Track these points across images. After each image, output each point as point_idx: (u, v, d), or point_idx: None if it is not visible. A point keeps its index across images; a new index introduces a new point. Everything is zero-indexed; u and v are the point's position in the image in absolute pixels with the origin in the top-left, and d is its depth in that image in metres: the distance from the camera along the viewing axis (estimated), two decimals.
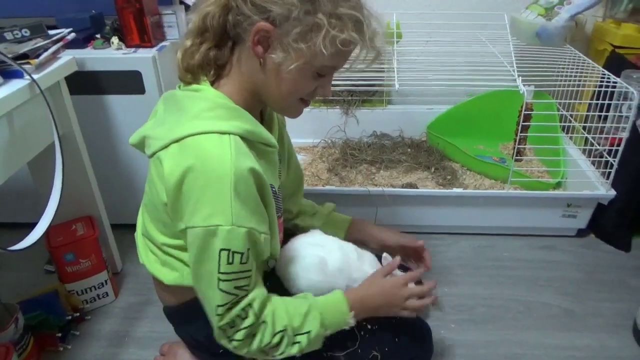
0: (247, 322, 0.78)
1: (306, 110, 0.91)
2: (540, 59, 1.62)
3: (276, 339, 0.80)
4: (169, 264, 0.90)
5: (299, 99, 0.84)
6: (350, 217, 1.22)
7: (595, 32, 1.88)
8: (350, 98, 1.98)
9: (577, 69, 1.69)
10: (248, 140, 0.78)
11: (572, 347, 1.22)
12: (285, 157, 1.08)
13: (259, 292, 0.80)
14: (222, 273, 0.74)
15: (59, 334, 1.23)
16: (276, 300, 0.85)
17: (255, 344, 0.80)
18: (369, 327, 0.97)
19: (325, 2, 0.72)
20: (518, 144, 1.53)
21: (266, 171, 0.82)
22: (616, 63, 1.63)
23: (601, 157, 1.52)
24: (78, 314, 1.29)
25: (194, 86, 0.80)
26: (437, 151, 1.88)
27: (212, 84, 0.81)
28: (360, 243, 1.13)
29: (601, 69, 1.56)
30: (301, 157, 1.94)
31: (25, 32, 1.12)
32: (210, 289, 0.76)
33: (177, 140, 0.74)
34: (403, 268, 1.17)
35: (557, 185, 1.63)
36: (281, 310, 0.82)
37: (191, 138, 0.73)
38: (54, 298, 1.26)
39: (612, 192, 1.48)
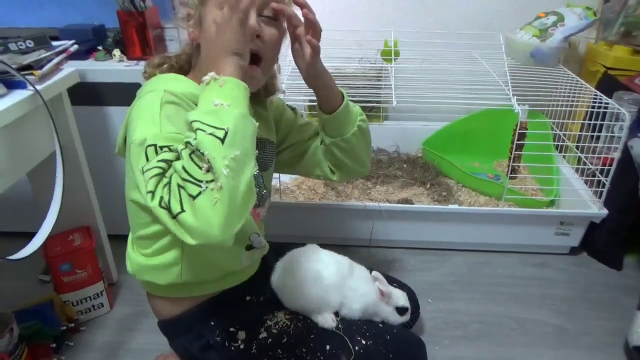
0: (156, 170, 0.69)
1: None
2: (534, 79, 1.66)
3: (194, 144, 0.65)
4: None
5: (233, 54, 0.76)
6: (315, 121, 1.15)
7: (588, 54, 1.92)
8: None
9: (570, 89, 1.72)
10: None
11: None
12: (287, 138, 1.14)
13: None
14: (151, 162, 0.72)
15: (54, 345, 1.22)
16: None
17: (177, 178, 0.66)
18: (364, 342, 0.98)
19: None
20: (512, 162, 1.55)
21: None
22: (608, 84, 1.66)
23: (594, 176, 1.55)
24: (73, 325, 1.29)
25: None
26: (432, 167, 1.90)
27: None
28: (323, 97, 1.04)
29: (593, 89, 1.60)
30: None
31: (30, 43, 1.14)
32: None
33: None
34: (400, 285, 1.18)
35: (551, 204, 1.65)
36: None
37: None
38: (49, 308, 1.26)
39: (605, 211, 1.50)
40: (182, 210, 0.64)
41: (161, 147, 0.72)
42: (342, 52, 1.85)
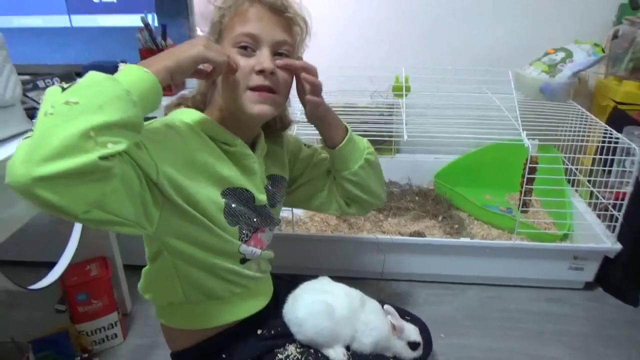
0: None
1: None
2: (544, 114, 1.68)
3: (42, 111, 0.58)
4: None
5: (246, 88, 0.84)
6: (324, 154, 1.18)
7: (598, 89, 1.94)
8: None
9: (580, 123, 1.74)
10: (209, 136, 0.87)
11: None
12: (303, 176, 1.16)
13: None
14: None
15: None
16: None
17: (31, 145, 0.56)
18: None
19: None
20: (524, 196, 1.56)
21: (231, 170, 0.89)
22: (619, 119, 1.68)
23: (606, 210, 1.54)
24: (87, 355, 1.30)
25: None
26: (444, 200, 1.91)
27: None
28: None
29: (603, 124, 1.61)
30: None
31: (56, 80, 1.20)
32: None
33: None
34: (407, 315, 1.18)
35: (564, 238, 1.64)
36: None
37: None
38: (65, 338, 1.27)
39: (618, 246, 1.49)
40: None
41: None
42: (355, 86, 1.90)
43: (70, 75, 1.26)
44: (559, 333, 1.44)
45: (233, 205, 0.89)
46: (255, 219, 0.94)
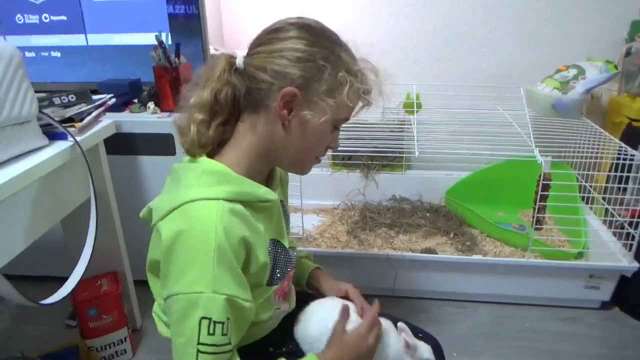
0: None
1: (327, 173, 0.95)
2: (557, 130, 1.67)
3: None
4: None
5: (314, 156, 0.88)
6: (315, 266, 1.18)
7: (612, 105, 1.93)
8: (370, 162, 2.04)
9: (594, 140, 1.72)
10: (241, 201, 0.79)
11: None
12: None
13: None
14: (202, 344, 0.71)
15: None
16: None
17: None
18: None
19: (343, 61, 0.81)
20: (537, 213, 1.54)
21: (267, 227, 0.84)
22: (633, 135, 1.66)
23: (622, 228, 1.52)
24: None
25: (194, 159, 0.82)
26: (456, 216, 1.90)
27: (211, 155, 0.83)
28: (316, 290, 1.11)
29: (618, 141, 1.59)
30: (320, 219, 1.98)
31: (72, 97, 1.22)
32: None
33: (172, 210, 0.76)
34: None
35: (579, 256, 1.61)
36: None
37: (182, 207, 0.75)
38: (74, 354, 1.27)
39: (636, 265, 1.46)
40: None
41: (215, 324, 0.71)
42: None
43: (86, 92, 1.28)
44: (574, 354, 1.40)
45: (270, 268, 0.88)
46: (285, 268, 0.93)
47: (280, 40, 0.79)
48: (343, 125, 0.90)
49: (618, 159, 1.53)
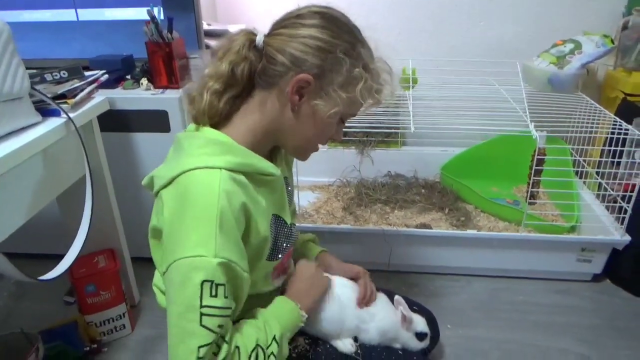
0: (222, 354, 0.73)
1: (322, 149, 0.94)
2: (552, 105, 1.66)
3: (252, 358, 0.77)
4: None
5: (317, 144, 0.89)
6: (321, 249, 1.19)
7: (607, 80, 1.92)
8: (365, 139, 2.03)
9: (589, 115, 1.72)
10: (244, 172, 0.79)
11: None
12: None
13: (230, 321, 0.78)
14: (206, 307, 0.71)
15: None
16: (238, 323, 0.83)
17: None
18: None
19: (362, 57, 0.82)
20: (531, 188, 1.55)
21: (269, 200, 0.85)
22: (628, 110, 1.66)
23: (615, 202, 1.53)
24: (95, 346, 1.31)
25: (198, 128, 0.84)
26: (450, 192, 1.91)
27: (216, 126, 0.84)
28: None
29: (613, 116, 1.60)
30: (316, 195, 1.98)
31: (64, 73, 1.20)
32: (191, 330, 0.71)
33: (174, 178, 0.77)
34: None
35: (571, 230, 1.63)
36: (248, 330, 0.80)
37: (185, 174, 0.76)
38: (73, 329, 1.28)
39: (627, 238, 1.48)
40: None
41: (217, 286, 0.72)
42: None
43: (78, 68, 1.26)
44: (567, 325, 1.43)
45: (271, 243, 0.89)
46: (285, 245, 0.94)
47: (304, 27, 0.80)
48: None
49: (612, 133, 1.54)
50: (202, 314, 0.70)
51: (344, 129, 0.93)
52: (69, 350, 1.24)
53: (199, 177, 0.75)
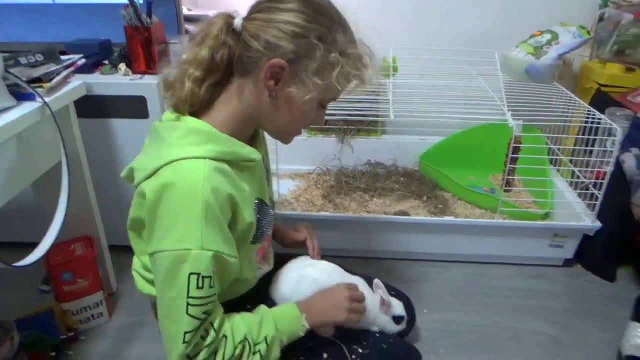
0: (209, 339, 0.76)
1: (302, 137, 0.95)
2: (529, 95, 1.69)
3: (238, 350, 0.79)
4: None
5: (298, 128, 0.89)
6: None
7: (583, 71, 1.97)
8: (346, 127, 2.04)
9: (564, 105, 1.76)
10: (226, 160, 0.79)
11: None
12: None
13: (218, 308, 0.80)
14: (192, 297, 0.73)
15: (53, 353, 1.24)
16: (231, 314, 0.85)
17: (219, 359, 0.78)
18: (361, 351, 0.99)
19: (339, 42, 0.79)
20: (507, 175, 1.58)
21: (251, 185, 0.85)
22: (601, 100, 1.70)
23: (587, 189, 1.58)
24: (72, 334, 1.31)
25: (177, 117, 0.82)
26: (429, 180, 1.93)
27: (196, 114, 0.82)
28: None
29: (587, 106, 1.64)
30: (296, 184, 1.99)
31: (39, 57, 1.18)
32: (178, 316, 0.74)
33: (157, 169, 0.76)
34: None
35: (545, 216, 1.67)
36: (239, 322, 0.82)
37: (168, 166, 0.75)
38: (49, 317, 1.27)
39: (598, 224, 1.53)
40: None
41: (203, 279, 0.73)
42: None
43: (53, 52, 1.23)
44: (539, 308, 1.48)
45: (261, 229, 0.90)
46: (267, 227, 0.94)
47: (279, 11, 0.77)
48: None
49: (586, 122, 1.57)
50: (188, 304, 0.73)
51: (325, 116, 0.93)
52: (45, 339, 1.23)
53: (182, 168, 0.75)
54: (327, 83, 0.80)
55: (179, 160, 0.75)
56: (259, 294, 1.06)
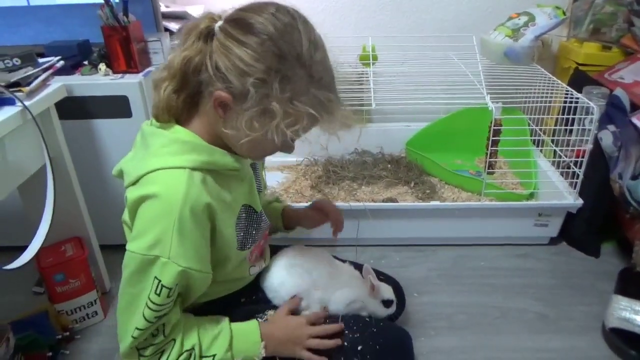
0: (157, 339, 0.80)
1: None
2: (509, 78, 1.72)
3: (183, 357, 0.81)
4: None
5: (262, 155, 0.90)
6: (283, 205, 1.22)
7: (561, 51, 1.99)
8: None
9: (544, 86, 1.78)
10: (208, 169, 0.80)
11: (546, 350, 1.28)
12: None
13: (173, 313, 0.82)
14: (150, 300, 0.76)
15: (50, 354, 1.25)
16: (190, 319, 0.87)
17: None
18: (351, 335, 1.01)
19: (289, 88, 0.74)
20: (489, 158, 1.60)
21: (237, 192, 0.87)
22: (579, 80, 1.73)
23: (568, 168, 1.61)
24: (68, 334, 1.32)
25: (164, 124, 0.82)
26: (416, 166, 1.95)
27: (182, 122, 0.83)
28: (297, 225, 1.21)
29: (565, 85, 1.66)
30: (284, 175, 2.00)
31: (17, 61, 1.17)
32: (134, 312, 0.77)
33: (139, 177, 0.78)
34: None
35: (530, 196, 1.70)
36: (192, 330, 0.84)
37: (148, 175, 0.77)
38: (44, 318, 1.28)
39: (580, 201, 1.56)
40: None
41: (162, 287, 0.76)
42: None
43: (31, 55, 1.23)
44: (526, 286, 1.51)
45: (242, 234, 0.91)
46: (255, 232, 0.95)
47: (237, 42, 0.73)
48: None
49: (565, 102, 1.60)
50: (146, 305, 0.76)
51: None
52: (41, 339, 1.23)
53: (161, 178, 0.76)
54: (264, 131, 0.76)
55: (158, 170, 0.76)
56: (253, 286, 1.08)
